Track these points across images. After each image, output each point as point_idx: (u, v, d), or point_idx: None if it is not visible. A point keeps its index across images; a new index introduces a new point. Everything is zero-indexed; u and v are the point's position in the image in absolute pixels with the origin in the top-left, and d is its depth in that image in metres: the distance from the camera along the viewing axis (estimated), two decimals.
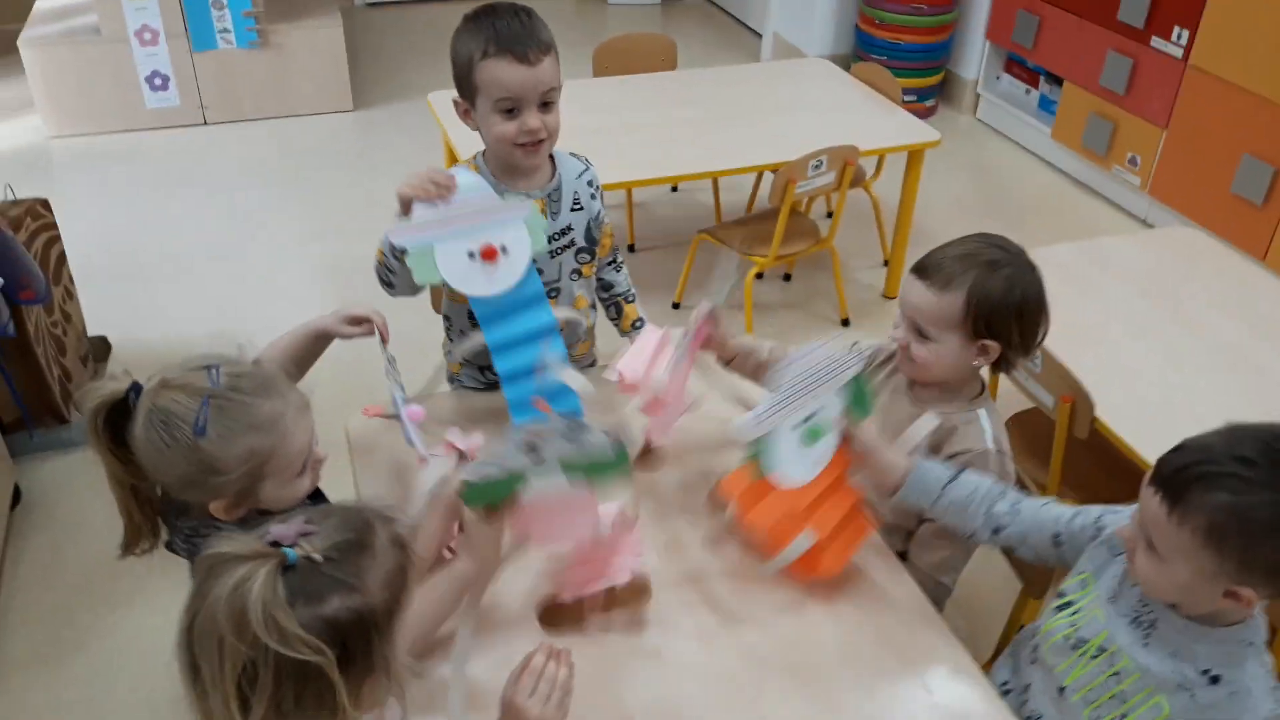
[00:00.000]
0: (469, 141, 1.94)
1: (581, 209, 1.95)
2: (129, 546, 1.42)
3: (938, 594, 1.74)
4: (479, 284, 1.71)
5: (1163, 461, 1.29)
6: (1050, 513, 1.51)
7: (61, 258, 3.04)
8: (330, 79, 5.10)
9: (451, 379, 2.14)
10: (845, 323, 3.65)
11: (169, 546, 1.48)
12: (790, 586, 1.59)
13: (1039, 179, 4.78)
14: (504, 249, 1.71)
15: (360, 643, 0.97)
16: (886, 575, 1.64)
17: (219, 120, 5.00)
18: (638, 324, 2.11)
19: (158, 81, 4.83)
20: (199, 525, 1.40)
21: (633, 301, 2.13)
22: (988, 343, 1.66)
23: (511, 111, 1.76)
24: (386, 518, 1.06)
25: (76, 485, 2.83)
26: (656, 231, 4.17)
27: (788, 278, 3.93)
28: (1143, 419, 2.10)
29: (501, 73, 1.73)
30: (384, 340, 1.73)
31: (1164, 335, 2.42)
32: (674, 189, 4.48)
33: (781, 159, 3.17)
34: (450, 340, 2.10)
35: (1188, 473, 1.24)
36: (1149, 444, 2.01)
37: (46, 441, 2.93)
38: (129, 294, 3.58)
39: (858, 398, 1.50)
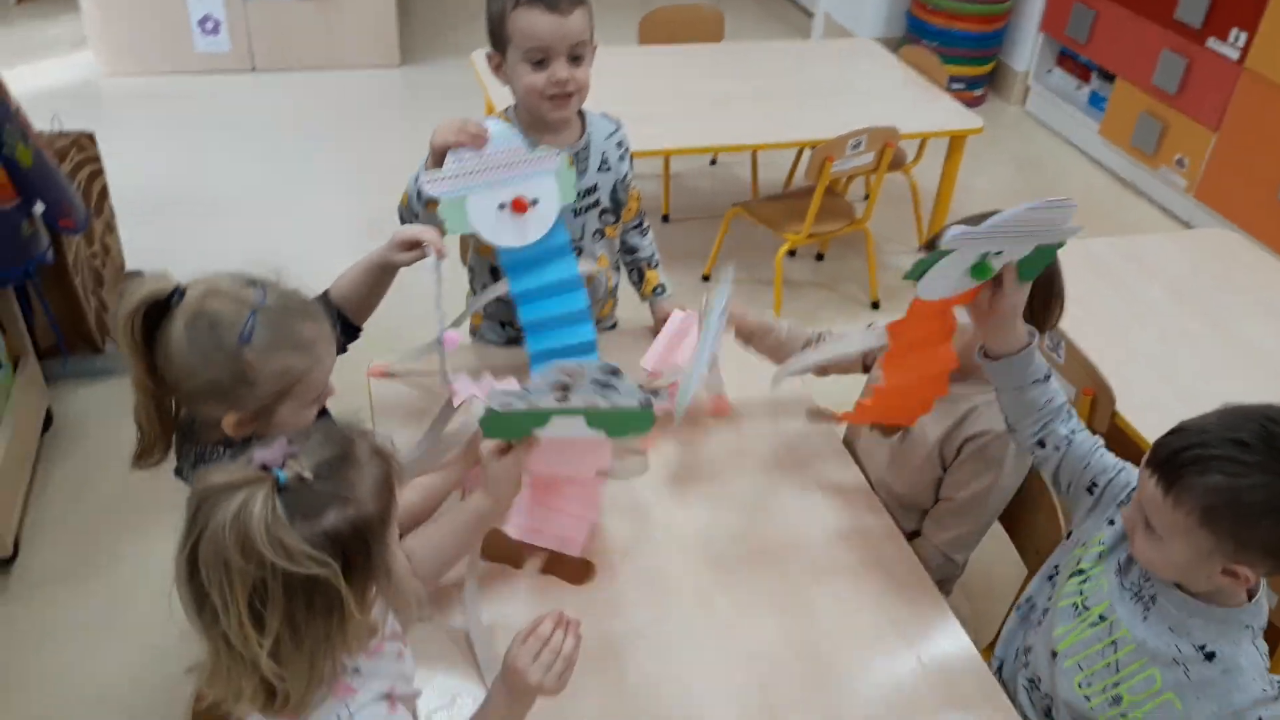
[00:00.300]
0: (509, 101, 1.95)
1: (609, 170, 1.96)
2: (142, 456, 1.44)
3: (947, 571, 1.75)
4: (509, 235, 1.73)
5: (1159, 444, 1.30)
6: (1097, 460, 1.51)
7: (104, 191, 3.09)
8: (378, 33, 5.12)
9: (472, 332, 2.16)
10: (875, 305, 3.64)
11: (178, 473, 1.51)
12: (794, 562, 1.61)
13: (1083, 175, 4.72)
14: (534, 201, 1.72)
15: (359, 551, 1.00)
16: (894, 554, 1.65)
17: (267, 68, 5.04)
18: (659, 290, 2.11)
19: (209, 25, 4.87)
20: (205, 451, 1.43)
21: (655, 267, 2.13)
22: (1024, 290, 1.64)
23: (541, 63, 1.76)
24: (363, 430, 1.09)
25: (106, 413, 2.89)
26: (692, 203, 4.16)
27: (820, 257, 3.92)
28: (1164, 416, 2.07)
29: (532, 22, 1.73)
30: (440, 257, 1.66)
31: (1193, 335, 2.40)
32: (713, 162, 4.47)
33: (822, 137, 3.16)
34: (474, 292, 2.12)
35: (1183, 455, 1.25)
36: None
37: (79, 369, 2.99)
38: (167, 232, 3.63)
39: (1037, 260, 1.44)
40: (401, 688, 1.12)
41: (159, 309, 1.34)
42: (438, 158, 1.70)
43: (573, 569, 1.54)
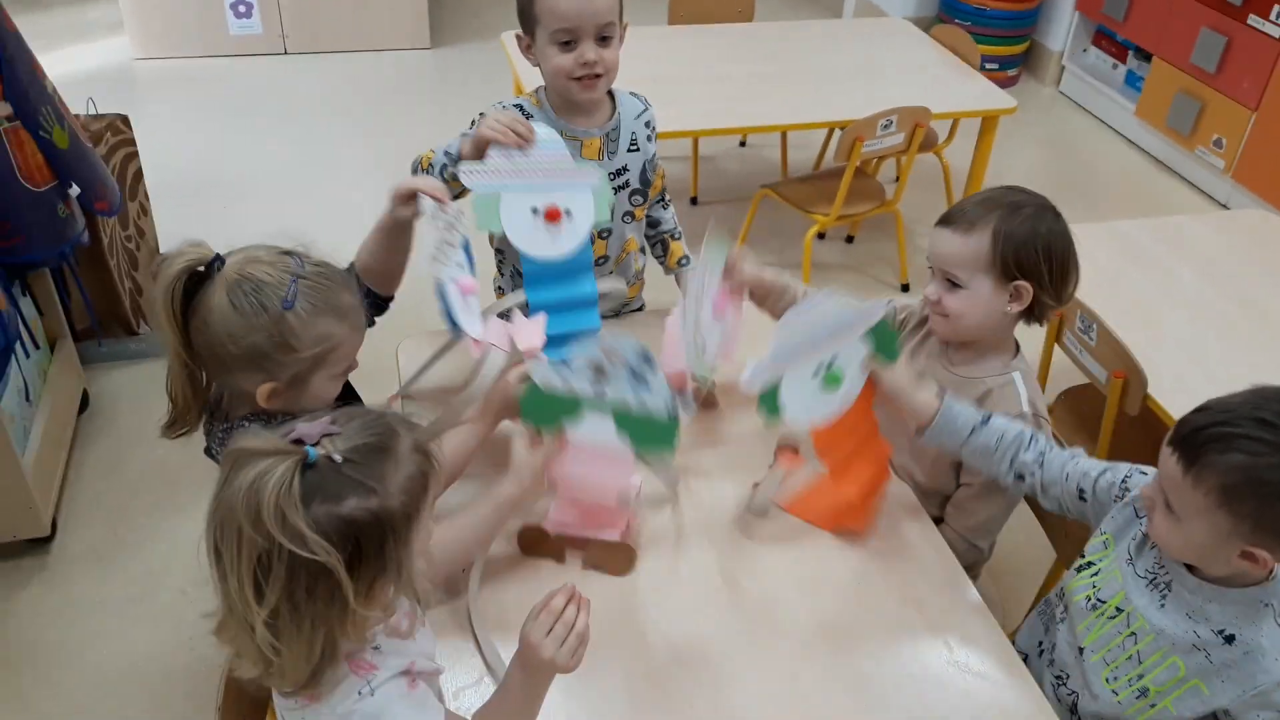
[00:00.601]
0: (539, 82, 1.95)
1: (638, 150, 1.96)
2: (173, 426, 1.46)
3: (972, 557, 1.75)
4: (536, 243, 1.69)
5: (1183, 421, 1.29)
6: (1078, 467, 1.50)
7: (138, 174, 3.12)
8: (410, 15, 5.13)
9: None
10: (905, 288, 3.62)
11: (208, 453, 1.53)
12: (819, 545, 1.61)
13: (1118, 156, 4.66)
14: (568, 212, 1.68)
15: (374, 544, 1.00)
16: (920, 537, 1.64)
17: (299, 50, 5.07)
18: (683, 261, 2.11)
19: (242, 9, 4.90)
20: (233, 427, 1.45)
21: (679, 239, 2.13)
22: (1020, 284, 1.63)
23: (569, 44, 1.76)
24: (410, 425, 1.09)
25: (141, 395, 2.94)
26: (721, 185, 4.15)
27: (850, 239, 3.90)
28: (1195, 398, 2.04)
29: (561, 5, 1.73)
30: (442, 205, 1.60)
31: (1226, 317, 2.36)
32: (742, 143, 4.45)
33: (852, 117, 3.13)
34: (501, 275, 2.12)
35: (1205, 433, 1.24)
36: None
37: (115, 351, 3.04)
38: (201, 214, 3.67)
39: (884, 342, 1.49)
40: (422, 664, 1.14)
41: (198, 279, 1.36)
42: (478, 147, 1.68)
43: (615, 559, 1.53)
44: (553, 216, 1.67)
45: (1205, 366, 2.19)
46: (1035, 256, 1.61)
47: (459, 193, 1.74)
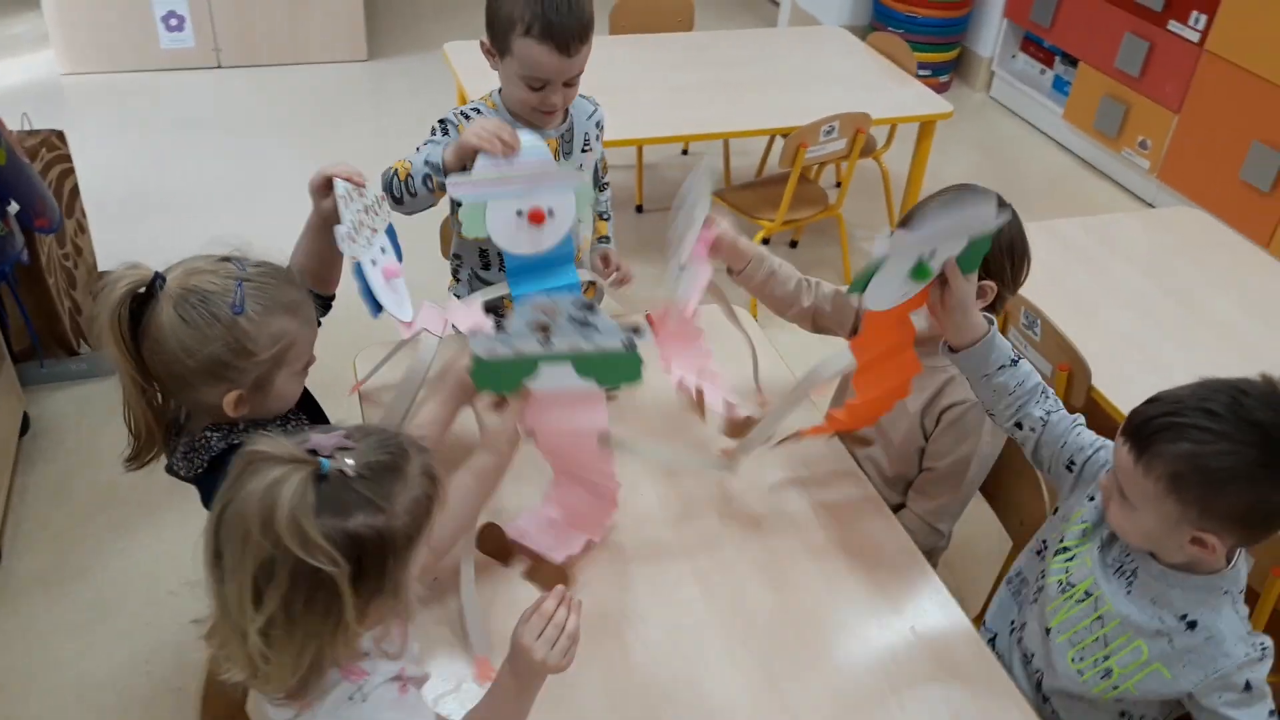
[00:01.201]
0: (486, 91, 1.97)
1: (590, 150, 1.99)
2: (138, 456, 1.44)
3: (933, 542, 1.79)
4: (522, 244, 1.69)
5: (1134, 412, 1.34)
6: (1074, 438, 1.54)
7: (75, 190, 3.06)
8: (346, 27, 5.09)
9: None
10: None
11: (169, 469, 1.51)
12: (785, 538, 1.64)
13: (1048, 159, 4.79)
14: (550, 212, 1.68)
15: (375, 562, 1.00)
16: (882, 529, 1.69)
17: (233, 64, 5.00)
18: (604, 239, 2.14)
19: (173, 22, 4.82)
20: (195, 439, 1.44)
21: (606, 219, 2.16)
22: (985, 284, 1.68)
23: (537, 88, 1.79)
24: (422, 449, 1.09)
25: (84, 416, 2.87)
26: (665, 192, 4.18)
27: (794, 244, 3.96)
28: (1138, 389, 2.12)
29: (539, 56, 1.74)
30: (358, 186, 1.59)
31: (1162, 311, 2.45)
32: (684, 151, 4.49)
33: (794, 124, 3.18)
34: (457, 280, 2.13)
35: (1155, 423, 1.29)
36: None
37: (56, 372, 2.96)
38: (138, 231, 3.60)
39: (976, 252, 1.46)
40: (411, 670, 1.14)
41: (140, 300, 1.34)
42: (462, 155, 1.67)
43: (547, 575, 1.54)
44: (537, 218, 1.67)
45: (1144, 359, 2.27)
46: (1000, 258, 1.66)
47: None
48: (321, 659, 1.01)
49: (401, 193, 1.79)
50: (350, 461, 1.00)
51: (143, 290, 1.33)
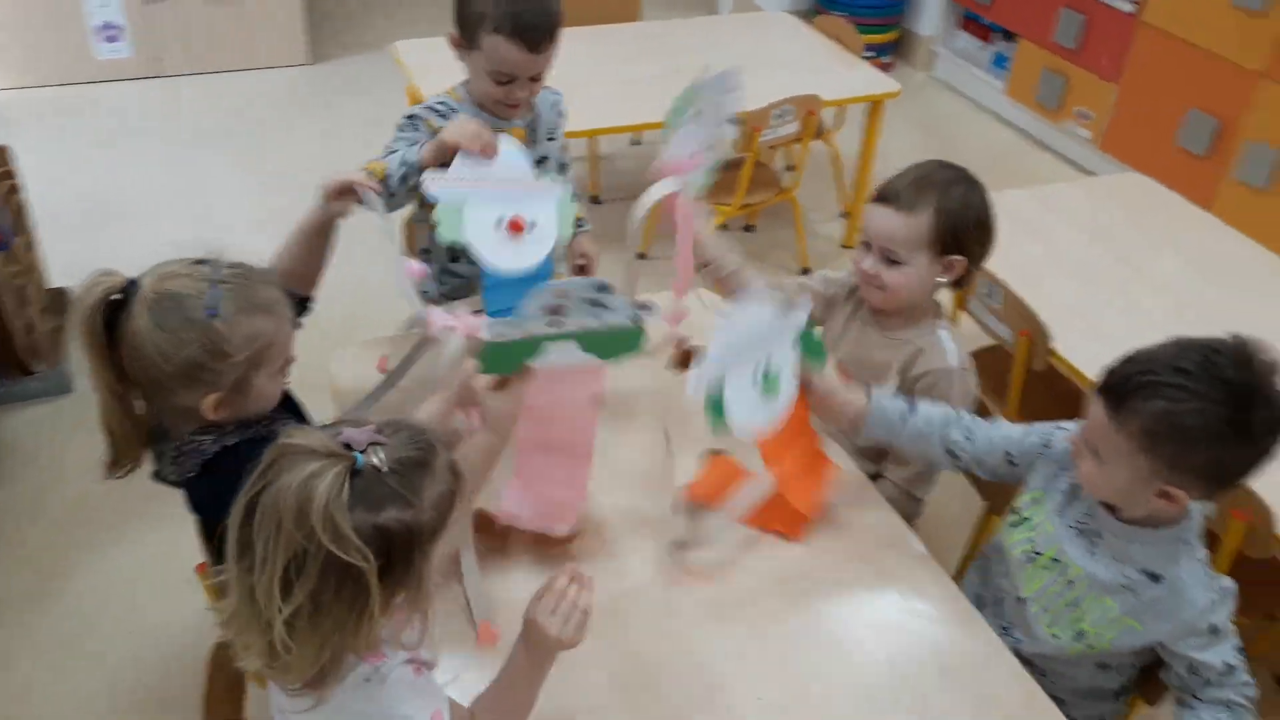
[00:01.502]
0: (439, 89, 1.97)
1: (555, 140, 2.01)
2: (115, 465, 1.43)
3: (911, 508, 1.84)
4: (499, 254, 1.66)
5: (1110, 371, 1.39)
6: (1002, 433, 1.60)
7: (21, 207, 3.01)
8: (287, 31, 5.04)
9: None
10: (805, 271, 3.72)
11: (157, 476, 1.50)
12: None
13: (993, 134, 4.88)
14: (532, 224, 1.67)
15: (403, 556, 1.01)
16: (861, 497, 1.72)
17: (174, 72, 4.92)
18: (579, 224, 2.16)
19: (109, 33, 4.74)
20: (183, 444, 1.43)
21: (575, 201, 2.17)
22: (954, 258, 1.73)
23: (504, 82, 1.81)
24: (448, 444, 1.11)
25: (48, 434, 2.82)
26: (621, 183, 4.20)
27: (749, 229, 3.99)
28: (1095, 351, 2.19)
29: (506, 53, 1.77)
30: (375, 191, 1.63)
31: (1113, 275, 2.52)
32: (635, 141, 4.51)
33: (744, 109, 3.21)
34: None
35: (1130, 381, 1.34)
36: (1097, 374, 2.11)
37: (13, 393, 2.91)
38: (89, 245, 3.54)
39: (812, 347, 1.53)
40: (423, 654, 1.15)
41: (114, 307, 1.34)
42: (440, 153, 1.67)
43: (554, 549, 1.56)
44: (516, 227, 1.65)
45: (1097, 322, 2.33)
46: (970, 232, 1.71)
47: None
48: (343, 650, 1.03)
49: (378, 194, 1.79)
50: (384, 456, 1.01)
51: (117, 296, 1.33)
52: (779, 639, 1.48)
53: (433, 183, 1.64)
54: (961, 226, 1.72)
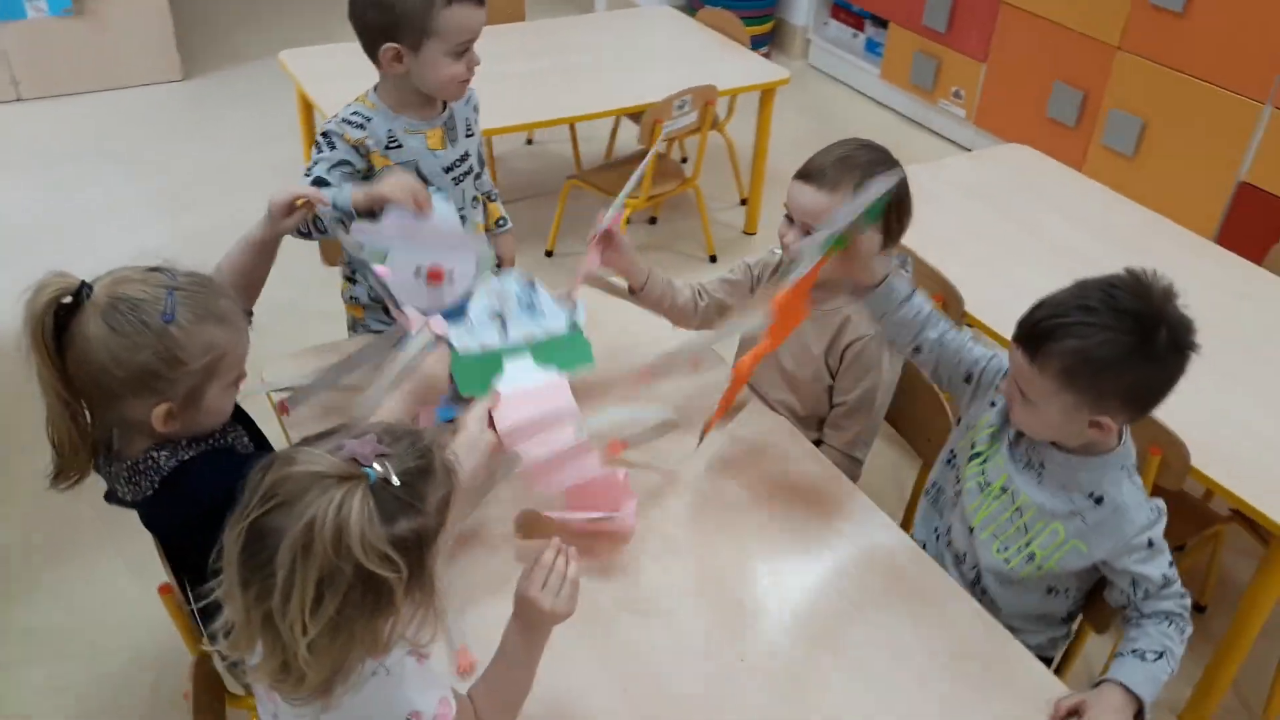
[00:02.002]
0: (333, 96, 1.96)
1: (472, 135, 2.02)
2: (60, 476, 1.39)
3: (853, 470, 1.91)
4: (417, 298, 1.70)
5: (1022, 320, 1.49)
6: (968, 353, 1.68)
7: None
8: (155, 47, 4.86)
9: (354, 325, 2.15)
10: (713, 259, 3.80)
11: (110, 498, 1.46)
12: (723, 485, 1.73)
13: (871, 117, 5.05)
14: (450, 275, 1.71)
15: (416, 560, 1.01)
16: (808, 463, 1.79)
17: (35, 95, 4.69)
18: (501, 222, 2.20)
19: None
20: (138, 461, 1.40)
21: (496, 200, 2.21)
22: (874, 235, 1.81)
23: (462, 53, 1.82)
24: (441, 444, 1.11)
25: None
26: (518, 183, 4.20)
27: (653, 220, 4.05)
28: (1006, 309, 2.31)
29: (466, 18, 1.79)
30: (324, 204, 1.66)
31: (1008, 237, 2.67)
32: (529, 141, 4.52)
33: (640, 103, 3.27)
34: (353, 283, 2.10)
35: (1041, 326, 1.44)
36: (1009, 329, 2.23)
37: None
38: None
39: (873, 209, 1.59)
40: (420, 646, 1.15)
41: (65, 311, 1.30)
42: (373, 202, 1.67)
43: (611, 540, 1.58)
44: (435, 276, 1.69)
45: (1003, 282, 2.45)
46: (889, 210, 1.78)
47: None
48: (360, 657, 1.03)
49: (309, 229, 1.78)
50: (392, 468, 1.01)
51: (68, 300, 1.29)
52: (752, 600, 1.53)
53: (361, 231, 1.67)
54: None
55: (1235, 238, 3.31)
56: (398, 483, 1.00)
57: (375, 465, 1.00)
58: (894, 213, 1.81)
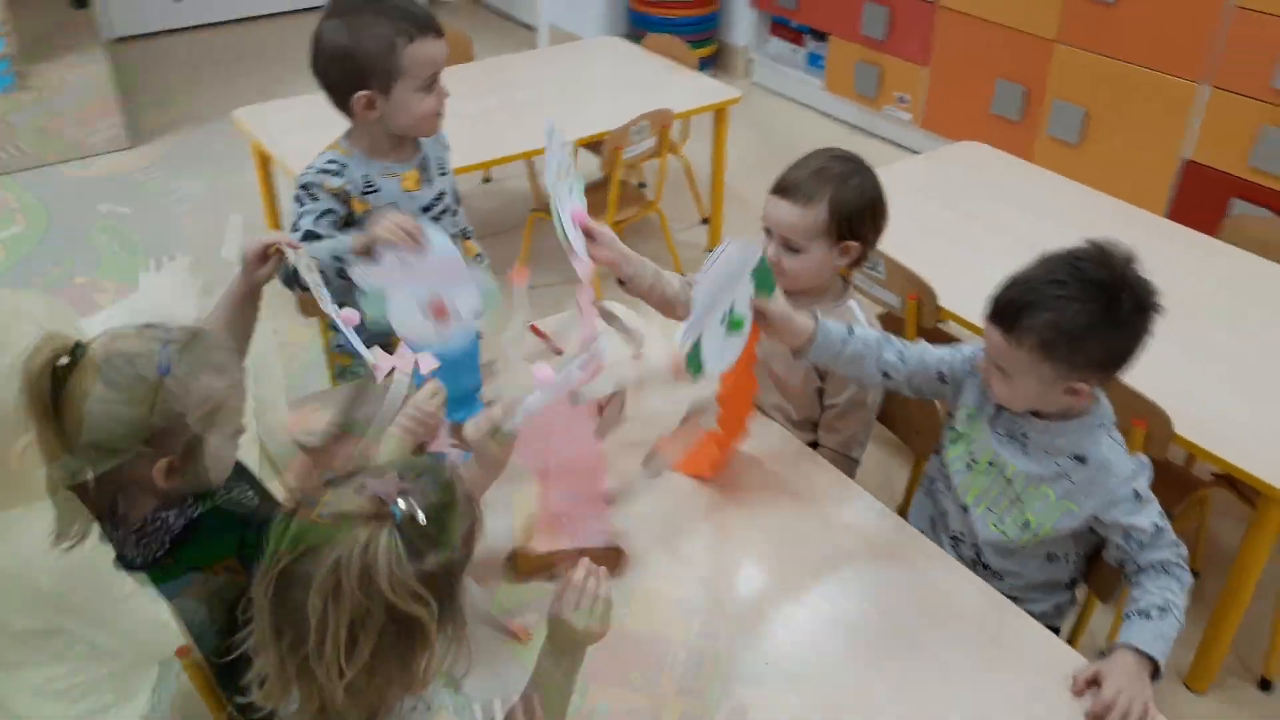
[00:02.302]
0: (296, 150, 1.98)
1: (446, 174, 2.05)
2: (61, 535, 1.38)
3: (849, 469, 1.95)
4: (426, 335, 1.70)
5: (995, 299, 1.56)
6: (932, 358, 1.73)
7: None
8: (101, 118, 4.84)
9: (341, 373, 2.16)
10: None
11: (121, 562, 1.45)
12: (718, 493, 1.77)
13: (819, 129, 5.13)
14: (456, 309, 1.71)
15: (447, 595, 1.03)
16: (803, 462, 1.83)
17: None
18: (479, 258, 2.21)
19: None
20: (145, 523, 1.39)
21: (470, 237, 2.22)
22: (849, 243, 1.85)
23: (430, 86, 1.84)
24: (461, 477, 1.12)
25: None
26: (481, 221, 4.19)
27: None
28: (976, 301, 2.38)
29: (429, 51, 1.83)
30: (295, 249, 1.64)
31: (969, 231, 2.74)
32: (486, 180, 4.55)
33: (594, 132, 3.31)
34: (337, 333, 2.11)
35: (1015, 303, 1.52)
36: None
37: None
38: None
39: (762, 278, 1.61)
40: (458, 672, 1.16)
41: (64, 370, 1.29)
42: (369, 245, 1.68)
43: (606, 558, 1.56)
44: (439, 312, 1.69)
45: (970, 275, 2.48)
46: (864, 221, 1.83)
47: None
48: (397, 695, 1.03)
49: (292, 280, 1.77)
50: (417, 505, 1.01)
51: (65, 360, 1.29)
52: (768, 602, 1.57)
53: (359, 274, 1.67)
54: (856, 215, 1.84)
55: (1185, 214, 3.41)
56: (423, 519, 1.01)
57: (400, 502, 1.01)
58: (869, 218, 1.86)
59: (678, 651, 1.46)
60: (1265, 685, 2.34)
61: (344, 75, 1.83)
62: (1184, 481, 2.30)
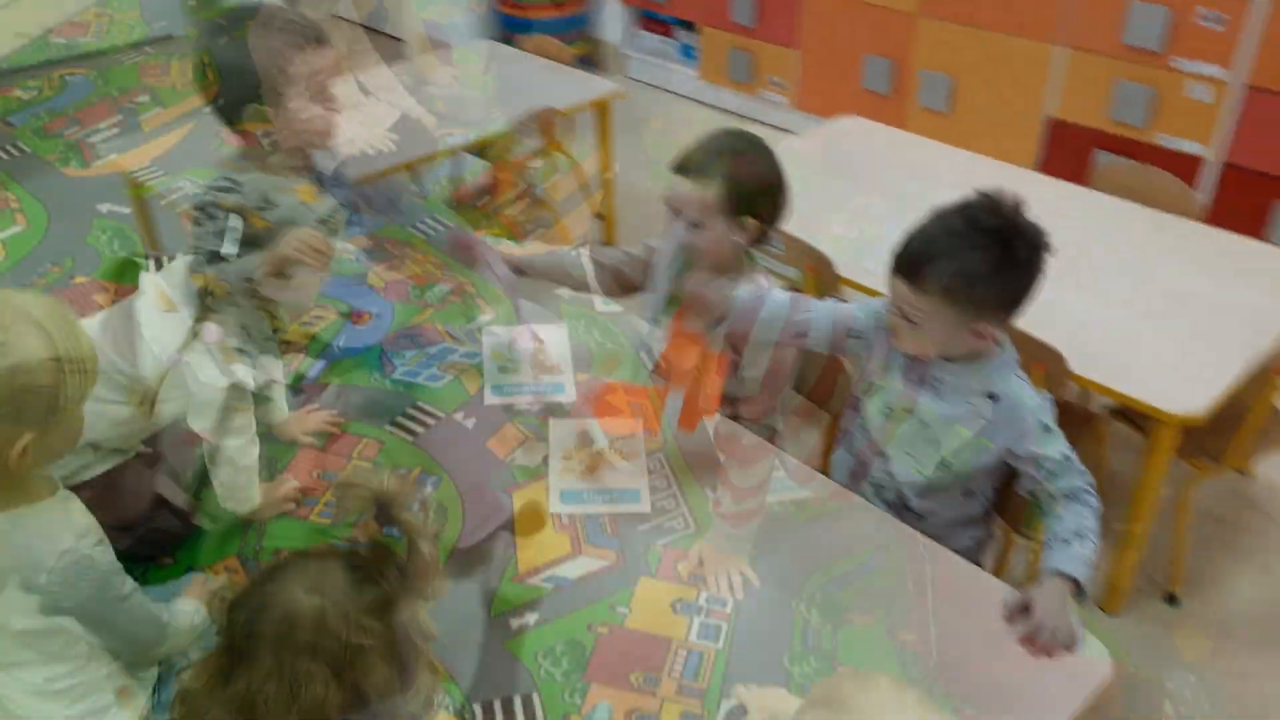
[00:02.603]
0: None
1: (342, 185, 2.02)
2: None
3: (771, 438, 1.99)
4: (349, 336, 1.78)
5: (898, 253, 1.64)
6: (841, 311, 1.80)
7: None
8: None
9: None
10: None
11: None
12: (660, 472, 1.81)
13: (697, 118, 5.21)
14: (375, 315, 1.78)
15: (389, 623, 1.03)
16: (723, 433, 1.89)
17: None
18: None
19: None
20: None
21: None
22: (747, 220, 1.90)
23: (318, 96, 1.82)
24: (409, 497, 1.11)
25: None
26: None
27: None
28: (869, 265, 2.46)
29: (315, 60, 1.79)
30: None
31: (856, 200, 2.83)
32: None
33: (480, 136, 3.30)
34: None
35: (918, 255, 1.60)
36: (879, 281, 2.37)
37: None
38: None
39: (679, 262, 1.69)
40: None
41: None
42: (277, 265, 1.67)
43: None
44: (359, 319, 1.76)
45: (862, 242, 2.60)
46: (758, 197, 1.88)
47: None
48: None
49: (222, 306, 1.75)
50: (362, 536, 1.03)
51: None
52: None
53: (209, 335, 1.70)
54: (751, 192, 1.89)
55: (1054, 168, 3.59)
56: (367, 550, 1.03)
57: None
58: (766, 197, 1.91)
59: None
60: (1172, 599, 2.48)
61: (237, 94, 1.80)
62: (1081, 417, 2.43)
